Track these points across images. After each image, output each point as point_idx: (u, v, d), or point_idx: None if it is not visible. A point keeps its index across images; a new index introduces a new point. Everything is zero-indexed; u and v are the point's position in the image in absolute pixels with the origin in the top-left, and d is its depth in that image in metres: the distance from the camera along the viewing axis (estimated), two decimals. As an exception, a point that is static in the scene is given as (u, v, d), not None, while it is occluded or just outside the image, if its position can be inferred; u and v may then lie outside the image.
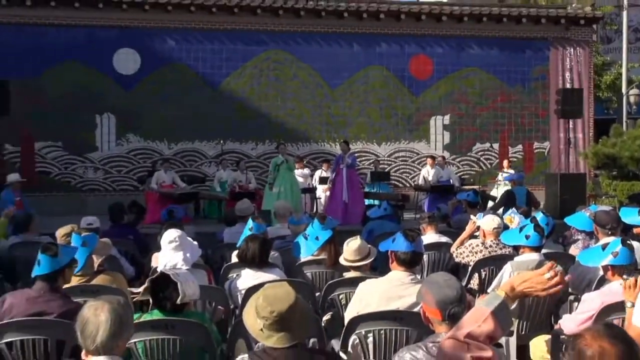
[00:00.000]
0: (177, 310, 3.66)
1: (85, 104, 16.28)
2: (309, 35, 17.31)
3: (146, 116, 16.63)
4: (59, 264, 3.97)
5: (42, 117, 16.01)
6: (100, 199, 15.20)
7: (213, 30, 16.91)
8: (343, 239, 5.29)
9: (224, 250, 7.05)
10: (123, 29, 16.52)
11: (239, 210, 7.83)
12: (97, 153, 16.54)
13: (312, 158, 17.15)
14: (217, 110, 16.88)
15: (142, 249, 7.50)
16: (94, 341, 2.65)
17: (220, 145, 16.47)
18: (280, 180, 13.22)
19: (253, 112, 17.14)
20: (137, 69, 16.65)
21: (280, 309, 2.79)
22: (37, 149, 16.10)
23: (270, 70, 17.24)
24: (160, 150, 16.74)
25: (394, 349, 3.75)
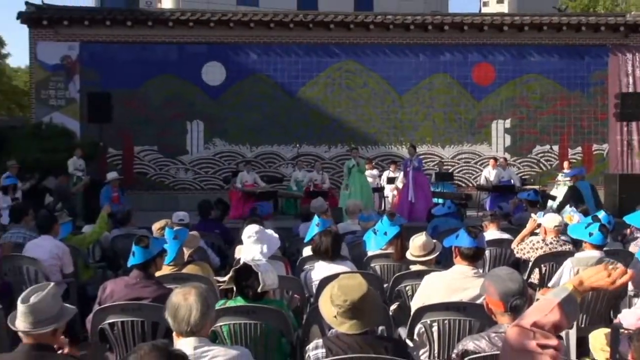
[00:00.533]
0: (258, 297, 3.70)
1: (178, 112, 16.76)
2: (378, 46, 17.22)
3: (231, 122, 16.95)
4: (150, 254, 4.11)
5: (140, 124, 16.58)
6: (190, 196, 15.59)
7: (290, 44, 17.07)
8: (409, 235, 5.23)
9: (299, 244, 7.07)
10: (211, 44, 16.89)
11: (313, 208, 7.85)
12: (187, 156, 16.97)
13: (381, 160, 17.05)
14: (294, 116, 17.05)
15: (227, 241, 7.64)
16: (187, 323, 2.68)
17: (296, 148, 16.63)
18: (352, 181, 13.21)
19: (326, 117, 17.19)
20: (223, 80, 16.98)
21: (353, 298, 2.78)
22: (136, 152, 16.67)
23: (342, 80, 17.25)
24: (243, 153, 17.03)
25: (458, 338, 3.67)
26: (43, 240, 6.11)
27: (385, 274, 5.55)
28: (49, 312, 2.80)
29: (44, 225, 6.24)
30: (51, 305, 2.81)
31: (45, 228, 6.20)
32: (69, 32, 16.54)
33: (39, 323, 2.75)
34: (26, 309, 2.75)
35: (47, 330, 2.77)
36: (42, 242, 6.08)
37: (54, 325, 2.79)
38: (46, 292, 2.82)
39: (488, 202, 14.28)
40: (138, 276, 4.08)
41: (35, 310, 2.76)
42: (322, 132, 17.14)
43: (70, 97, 16.60)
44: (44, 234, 6.17)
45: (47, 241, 6.07)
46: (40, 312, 2.76)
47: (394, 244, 5.57)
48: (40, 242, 6.10)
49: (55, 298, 2.87)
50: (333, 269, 4.81)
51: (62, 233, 6.46)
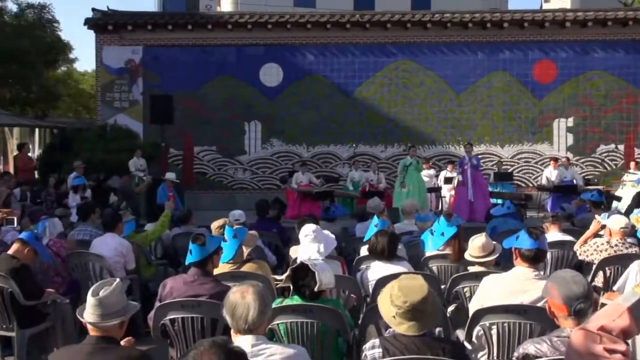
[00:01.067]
0: (314, 296, 3.70)
1: (236, 113, 17.02)
2: (435, 45, 17.02)
3: (288, 123, 17.09)
4: (207, 252, 4.18)
5: (200, 125, 16.92)
6: (247, 196, 15.80)
7: (347, 44, 17.06)
8: (467, 235, 5.14)
9: (356, 244, 7.07)
10: (268, 46, 17.07)
11: (370, 207, 7.83)
12: (245, 156, 17.20)
13: (438, 159, 16.84)
14: (350, 116, 17.04)
15: (283, 240, 7.69)
16: (245, 321, 2.71)
17: (353, 148, 16.62)
18: (408, 180, 13.10)
19: (383, 117, 17.11)
20: (280, 81, 17.13)
21: (413, 299, 2.74)
22: (196, 152, 17.01)
23: (399, 79, 17.13)
24: (299, 153, 17.13)
25: (518, 341, 3.58)
26: (108, 237, 6.31)
27: (442, 275, 5.47)
28: (116, 305, 2.90)
29: (109, 223, 6.45)
30: (118, 299, 2.92)
31: (110, 226, 6.40)
32: (132, 37, 17.03)
33: (107, 316, 2.85)
34: (95, 301, 2.86)
35: (114, 323, 2.87)
36: (107, 239, 6.28)
37: (120, 319, 2.89)
38: (114, 287, 2.93)
39: (549, 202, 13.90)
40: (196, 274, 4.15)
41: (103, 304, 2.87)
42: (379, 131, 17.07)
43: (134, 99, 17.09)
44: (108, 232, 6.37)
45: (112, 239, 6.27)
46: (108, 306, 2.87)
47: (451, 244, 5.49)
48: (105, 239, 6.30)
49: (122, 293, 2.98)
50: (389, 269, 4.77)
51: (125, 231, 6.66)
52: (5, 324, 5.09)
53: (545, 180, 14.93)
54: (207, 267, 4.20)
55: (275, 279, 4.87)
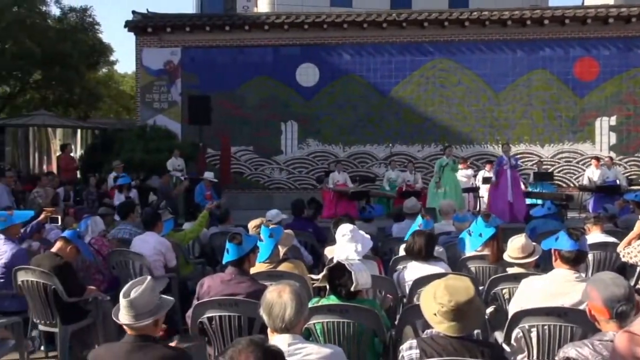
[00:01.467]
0: (350, 296, 3.69)
1: (273, 113, 17.13)
2: (473, 43, 16.82)
3: (324, 122, 17.12)
4: (243, 251, 4.22)
5: (237, 125, 17.08)
6: (284, 196, 15.89)
7: (383, 44, 16.99)
8: (506, 236, 5.06)
9: (392, 244, 7.05)
10: (304, 46, 17.12)
11: (406, 208, 7.79)
12: (281, 156, 17.29)
13: (476, 159, 16.64)
14: (387, 116, 16.97)
15: (319, 240, 7.71)
16: (282, 320, 2.73)
17: (389, 147, 16.56)
18: (444, 180, 12.96)
19: (419, 116, 16.99)
20: (317, 81, 17.16)
21: (458, 300, 2.71)
22: (233, 152, 17.17)
23: (436, 78, 16.99)
24: (335, 153, 17.14)
25: (558, 345, 3.51)
26: (147, 236, 6.41)
27: (480, 276, 5.40)
28: (148, 305, 2.93)
29: (148, 222, 6.55)
30: (149, 299, 2.94)
31: (150, 225, 6.50)
32: (171, 38, 17.28)
33: (139, 316, 2.89)
34: (127, 303, 2.90)
35: (147, 322, 2.91)
36: (147, 238, 6.38)
37: (152, 318, 2.92)
38: (144, 287, 2.95)
39: (591, 203, 13.59)
40: (233, 272, 4.19)
41: (135, 304, 2.90)
42: (415, 131, 16.96)
43: (172, 100, 17.35)
44: (148, 230, 6.48)
45: (151, 237, 6.37)
46: (139, 306, 2.90)
47: (489, 245, 5.41)
48: (145, 237, 6.40)
49: (153, 291, 3.00)
50: (426, 270, 4.74)
51: (164, 230, 6.76)
52: (48, 320, 5.23)
53: (586, 181, 14.62)
54: (243, 266, 4.23)
55: (312, 278, 4.87)
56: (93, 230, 6.57)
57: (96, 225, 6.65)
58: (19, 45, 22.36)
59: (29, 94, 26.45)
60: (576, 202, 14.52)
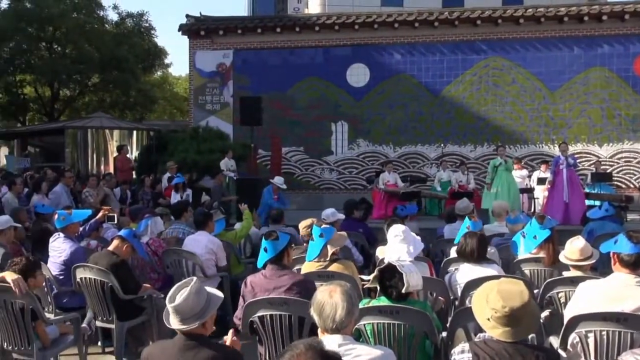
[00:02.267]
0: (401, 298, 3.67)
1: (323, 114, 17.18)
2: (528, 41, 16.46)
3: (374, 123, 17.06)
4: (281, 245, 4.36)
5: (288, 126, 17.20)
6: (334, 196, 15.92)
7: (435, 43, 16.82)
8: (561, 238, 4.94)
9: (444, 245, 6.98)
10: (355, 46, 17.12)
11: (458, 209, 7.67)
12: (332, 156, 17.32)
13: (530, 159, 16.29)
14: (438, 116, 16.79)
15: (369, 241, 7.69)
16: (333, 320, 2.74)
17: (441, 147, 16.37)
18: (498, 181, 12.73)
19: (472, 116, 16.74)
20: (367, 81, 17.13)
21: (512, 305, 2.65)
22: (284, 153, 17.31)
23: (489, 77, 16.70)
24: (386, 153, 17.06)
25: (617, 352, 3.39)
26: (199, 235, 6.52)
27: (535, 279, 5.28)
28: (194, 308, 2.94)
29: (200, 221, 6.67)
30: (195, 302, 2.94)
31: (202, 224, 6.62)
32: (223, 41, 17.55)
33: (187, 320, 2.92)
34: (173, 309, 2.92)
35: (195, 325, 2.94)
36: (199, 237, 6.49)
37: (200, 321, 2.94)
38: (189, 291, 2.94)
39: (652, 204, 13.10)
40: (273, 268, 4.32)
41: (181, 310, 2.91)
42: (467, 131, 16.72)
43: (225, 101, 17.62)
44: (200, 230, 6.59)
45: (203, 236, 6.47)
46: (185, 311, 2.92)
47: (544, 247, 5.29)
48: (197, 237, 6.52)
49: (199, 293, 2.98)
50: (478, 272, 4.67)
51: (216, 229, 6.86)
52: (105, 316, 5.37)
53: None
54: (283, 261, 4.39)
55: (362, 279, 4.87)
56: (152, 231, 6.70)
57: (156, 226, 6.79)
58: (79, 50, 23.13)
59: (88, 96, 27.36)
60: (636, 203, 14.03)
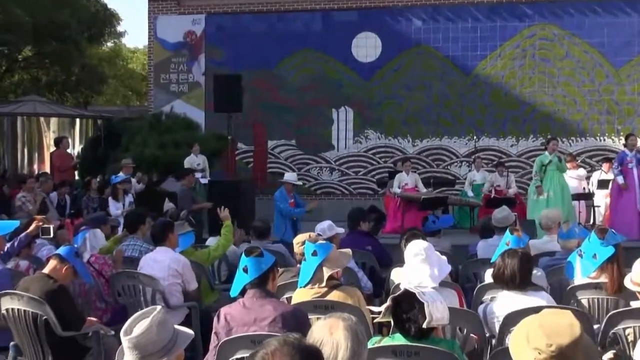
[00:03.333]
0: (422, 335, 3.65)
1: (321, 97, 17.20)
2: (586, 3, 16.50)
3: (388, 109, 17.08)
4: (266, 264, 4.36)
5: (275, 113, 17.20)
6: (336, 203, 15.91)
7: (465, 4, 16.85)
8: (629, 258, 4.93)
9: (477, 267, 6.96)
10: (363, 10, 17.13)
11: (496, 220, 7.67)
12: (332, 152, 17.34)
13: (589, 156, 16.31)
14: (470, 100, 16.82)
15: (382, 261, 7.66)
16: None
17: (473, 141, 16.37)
18: (547, 184, 12.73)
19: (513, 100, 16.76)
20: (378, 54, 17.15)
21: (561, 343, 2.64)
22: (270, 147, 17.32)
23: (535, 49, 16.73)
24: (403, 148, 17.07)
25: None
26: (159, 253, 6.49)
27: (595, 311, 5.28)
28: (157, 343, 2.90)
29: (158, 234, 6.64)
30: (159, 335, 2.92)
31: (161, 238, 6.58)
32: (193, 3, 17.57)
33: (147, 358, 2.89)
34: (130, 343, 2.88)
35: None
36: (159, 255, 6.45)
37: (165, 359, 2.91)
38: (151, 321, 2.91)
39: None
40: (254, 295, 4.29)
41: (140, 345, 2.88)
42: (507, 119, 16.74)
43: (194, 81, 17.64)
44: (159, 246, 6.56)
45: (164, 254, 6.44)
46: (146, 346, 2.89)
47: (607, 270, 5.29)
48: (156, 255, 6.48)
49: (164, 325, 2.96)
50: (522, 302, 4.67)
51: (181, 245, 6.83)
52: (38, 359, 5.33)
53: None
54: (266, 285, 4.38)
55: (371, 311, 4.85)
56: (92, 245, 6.68)
57: (96, 239, 6.76)
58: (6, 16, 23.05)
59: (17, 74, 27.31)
60: None
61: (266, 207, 14.87)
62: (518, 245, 5.59)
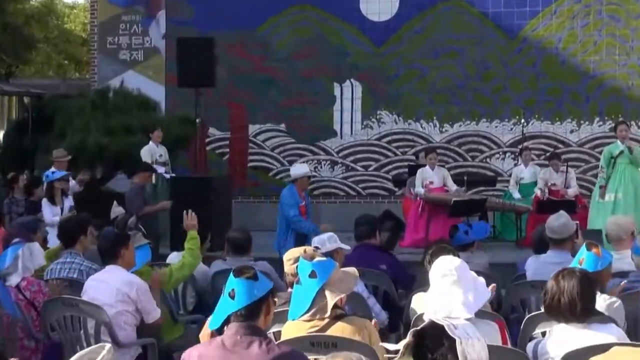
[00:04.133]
0: (453, 381, 3.66)
1: (319, 68, 17.17)
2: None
3: (407, 83, 17.08)
4: (261, 291, 4.21)
5: (259, 88, 17.16)
6: (338, 207, 15.92)
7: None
8: None
9: (525, 292, 6.99)
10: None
11: (551, 230, 7.65)
12: (334, 140, 17.35)
13: (673, 146, 16.33)
14: (516, 72, 16.83)
15: (400, 284, 7.68)
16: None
17: (520, 125, 16.36)
18: (615, 182, 12.76)
19: (572, 72, 16.77)
20: (394, 13, 17.14)
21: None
22: (252, 133, 17.28)
23: (601, 5, 16.74)
24: (427, 135, 17.07)
25: None
26: (108, 273, 6.47)
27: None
28: None
29: (107, 250, 6.61)
30: None
31: (110, 254, 6.56)
32: (149, -58, 17.54)
33: None
34: None
35: None
36: (107, 276, 6.44)
37: None
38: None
39: None
40: (239, 332, 4.18)
41: None
42: (565, 97, 16.75)
43: (151, 46, 17.63)
44: (108, 265, 6.54)
45: (114, 274, 6.42)
46: None
47: (698, 296, 5.30)
48: (103, 276, 6.47)
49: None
50: (585, 338, 4.66)
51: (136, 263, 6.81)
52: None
53: None
54: (257, 319, 4.23)
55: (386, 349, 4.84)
56: (26, 266, 6.64)
57: (32, 258, 6.72)
58: None
59: None
60: None
61: (246, 212, 14.93)
62: (595, 267, 5.55)
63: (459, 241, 8.07)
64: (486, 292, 5.06)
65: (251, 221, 13.35)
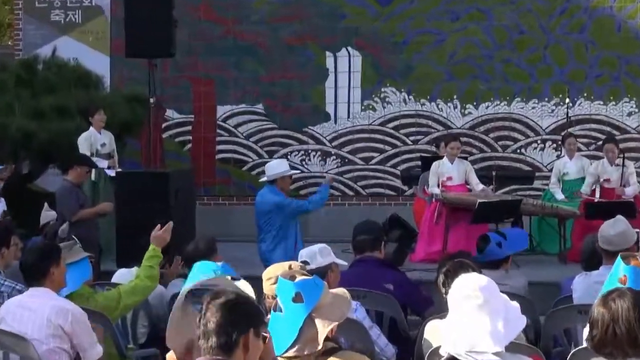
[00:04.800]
0: None
1: (308, 32, 17.20)
2: None
3: (419, 52, 17.09)
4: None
5: (229, 60, 17.17)
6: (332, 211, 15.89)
7: None
8: None
9: (571, 319, 7.00)
10: None
11: (605, 240, 7.66)
12: (327, 125, 17.41)
13: None
14: (558, 38, 16.86)
15: (410, 307, 7.68)
16: None
17: (562, 106, 16.39)
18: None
19: (631, 39, 16.82)
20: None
21: None
22: (220, 116, 17.28)
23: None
24: (446, 119, 17.10)
25: None
26: (34, 297, 6.45)
27: None
28: None
29: (33, 267, 6.58)
30: None
31: (36, 273, 6.53)
32: None
33: None
34: None
35: None
36: (33, 301, 6.42)
37: None
38: None
39: None
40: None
41: None
42: (622, 71, 16.78)
43: (92, 5, 17.60)
44: (33, 286, 6.51)
45: (42, 299, 6.40)
46: None
47: None
48: (28, 302, 6.44)
49: None
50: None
51: (69, 283, 6.79)
52: None
53: None
54: None
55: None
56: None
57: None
58: None
59: None
60: None
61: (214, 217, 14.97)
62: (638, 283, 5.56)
63: (491, 256, 8.03)
64: (520, 319, 5.04)
65: (220, 228, 13.37)
